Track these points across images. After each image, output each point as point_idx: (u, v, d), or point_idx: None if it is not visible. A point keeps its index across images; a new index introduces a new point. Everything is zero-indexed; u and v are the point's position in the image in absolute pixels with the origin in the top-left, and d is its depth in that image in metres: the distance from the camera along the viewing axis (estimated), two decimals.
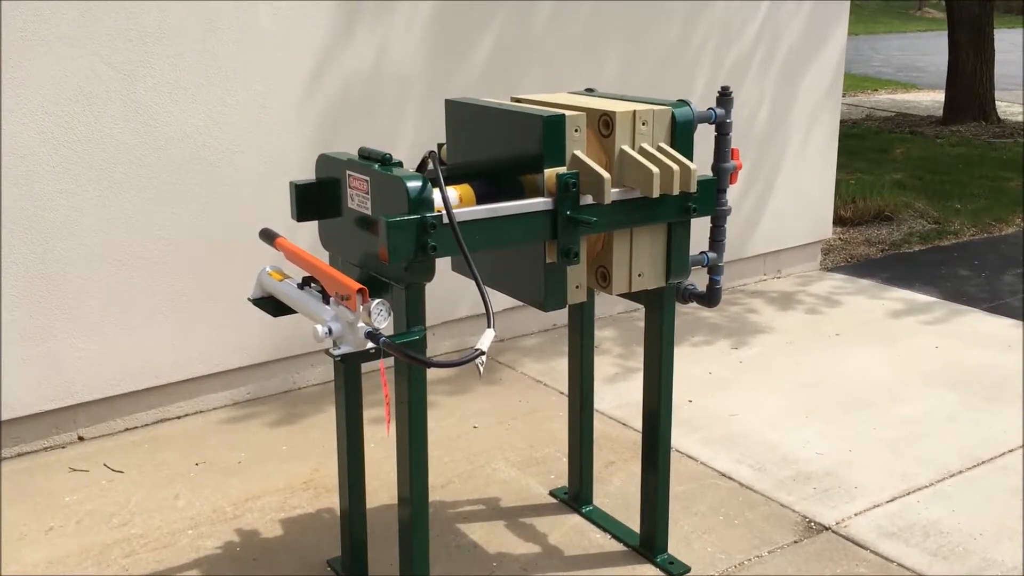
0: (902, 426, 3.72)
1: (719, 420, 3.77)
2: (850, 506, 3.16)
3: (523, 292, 2.50)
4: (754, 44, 5.07)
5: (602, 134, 2.45)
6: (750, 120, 5.19)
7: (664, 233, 2.55)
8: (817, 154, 5.56)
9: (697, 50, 4.86)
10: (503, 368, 4.29)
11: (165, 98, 3.52)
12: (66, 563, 2.88)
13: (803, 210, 5.61)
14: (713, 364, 4.35)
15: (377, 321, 2.08)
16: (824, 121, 5.53)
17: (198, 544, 2.97)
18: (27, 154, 3.31)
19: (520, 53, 4.31)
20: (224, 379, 3.92)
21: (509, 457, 3.49)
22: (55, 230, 3.41)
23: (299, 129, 3.82)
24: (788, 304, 5.17)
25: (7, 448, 3.53)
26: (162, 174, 3.57)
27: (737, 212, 5.27)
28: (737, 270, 5.47)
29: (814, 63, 5.37)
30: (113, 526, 3.08)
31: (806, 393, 4.03)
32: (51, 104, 3.32)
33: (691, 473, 3.38)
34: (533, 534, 3.01)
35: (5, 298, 3.37)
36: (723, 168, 2.66)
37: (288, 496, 3.24)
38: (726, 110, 2.61)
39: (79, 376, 3.57)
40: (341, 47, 3.85)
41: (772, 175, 5.41)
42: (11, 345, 3.42)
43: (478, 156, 2.55)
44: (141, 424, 3.77)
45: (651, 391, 2.75)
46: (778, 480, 3.32)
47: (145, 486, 3.32)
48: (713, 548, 2.93)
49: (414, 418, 2.31)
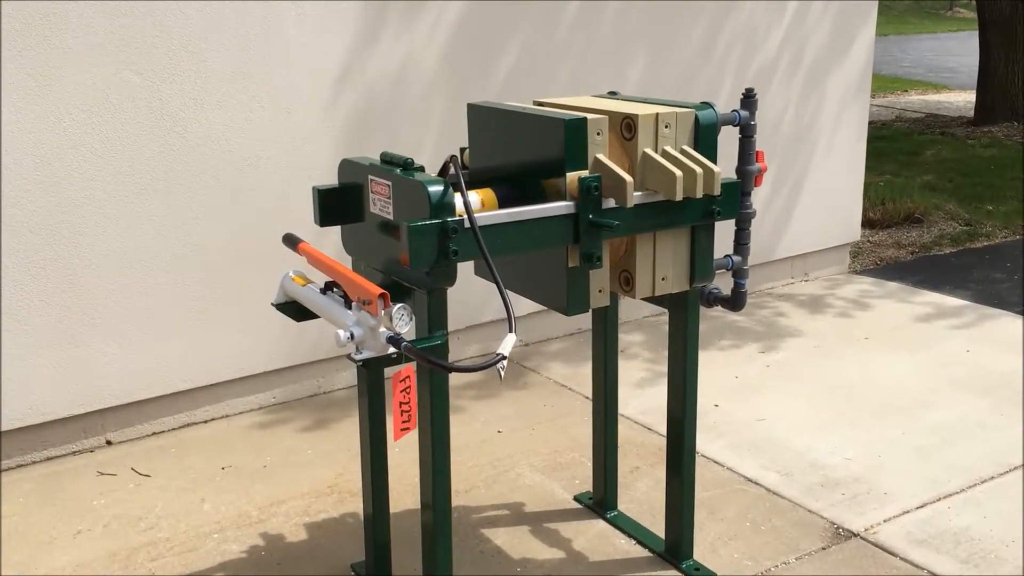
0: (932, 432, 3.67)
1: (746, 425, 3.74)
2: (879, 512, 3.12)
3: (546, 297, 2.49)
4: (780, 47, 5.03)
5: (624, 137, 2.44)
6: (777, 123, 5.16)
7: (688, 237, 2.53)
8: (845, 156, 5.51)
9: (723, 54, 4.83)
10: (529, 373, 4.28)
11: (192, 105, 3.55)
12: (94, 567, 2.90)
13: (831, 213, 5.56)
14: (740, 368, 4.31)
15: (399, 326, 2.08)
16: (852, 123, 5.47)
17: (223, 548, 2.98)
18: (56, 161, 3.35)
19: (545, 58, 4.31)
20: (251, 384, 3.93)
21: (534, 462, 3.48)
22: (83, 236, 3.45)
23: (325, 134, 3.84)
24: (816, 308, 5.12)
25: (36, 452, 3.56)
26: (189, 180, 3.60)
27: (764, 215, 5.24)
28: (765, 273, 5.42)
29: (841, 65, 5.32)
30: (140, 530, 3.10)
31: (834, 398, 3.99)
32: (80, 111, 3.35)
33: (717, 479, 3.35)
34: (557, 540, 2.99)
35: (34, 303, 3.41)
36: (747, 171, 2.63)
37: (313, 500, 3.24)
38: (750, 112, 2.58)
39: (107, 381, 3.60)
40: (366, 53, 3.86)
41: (799, 178, 5.36)
42: (40, 350, 3.45)
43: (500, 160, 2.54)
44: (168, 428, 3.79)
45: (675, 396, 2.73)
46: (806, 486, 3.29)
47: (171, 490, 3.34)
48: (739, 555, 2.91)
49: (436, 423, 2.31)
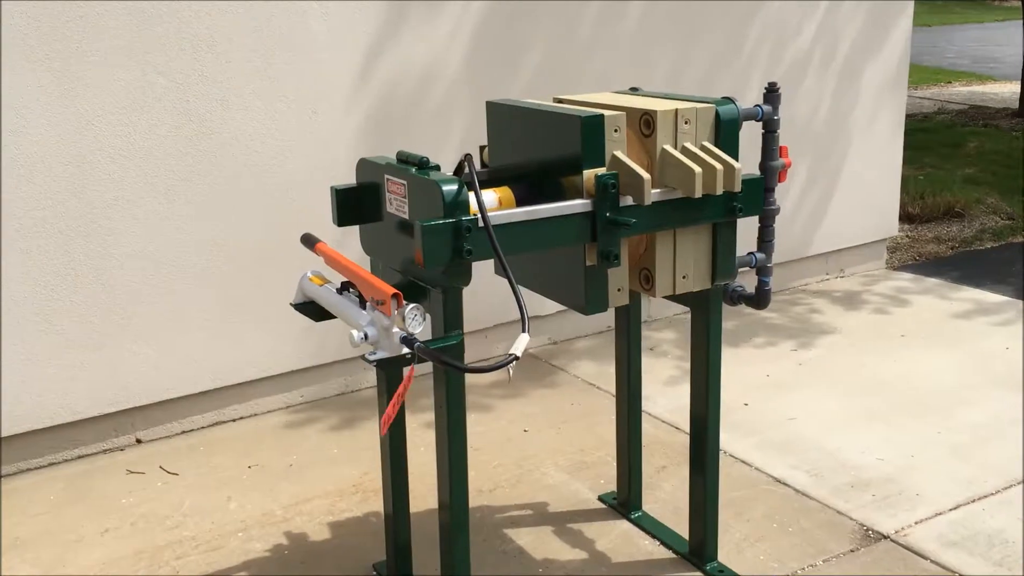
0: (968, 431, 3.59)
1: (775, 424, 3.68)
2: (911, 514, 3.06)
3: (565, 296, 2.47)
4: (813, 40, 4.95)
5: (643, 134, 2.40)
6: (810, 117, 5.08)
7: (709, 234, 2.49)
8: (881, 150, 5.41)
9: (753, 48, 4.76)
10: (556, 371, 4.25)
11: (217, 106, 3.56)
12: (120, 564, 2.92)
13: (867, 207, 5.46)
14: (772, 366, 4.25)
15: (412, 326, 2.06)
16: (888, 116, 5.37)
17: (247, 547, 2.99)
18: (85, 163, 3.38)
19: (571, 55, 4.27)
20: (279, 383, 3.95)
21: (559, 461, 3.45)
22: (112, 236, 3.48)
23: (349, 133, 3.84)
24: (852, 304, 5.04)
25: (68, 451, 3.61)
26: (215, 181, 3.62)
27: (798, 210, 5.16)
28: (799, 269, 5.35)
29: (877, 57, 5.22)
30: (166, 528, 3.12)
31: (868, 396, 3.92)
32: (107, 114, 3.38)
33: (745, 479, 3.30)
34: (580, 540, 2.97)
35: (65, 303, 3.45)
36: (771, 166, 2.59)
37: (337, 500, 3.25)
38: (773, 107, 2.54)
39: (136, 380, 3.63)
40: (390, 51, 3.86)
41: (834, 172, 5.27)
42: (71, 350, 3.49)
43: (519, 158, 2.52)
44: (197, 427, 3.82)
45: (698, 395, 2.69)
46: (835, 487, 3.23)
47: (198, 488, 3.36)
48: (765, 556, 2.86)
49: (453, 423, 2.29)
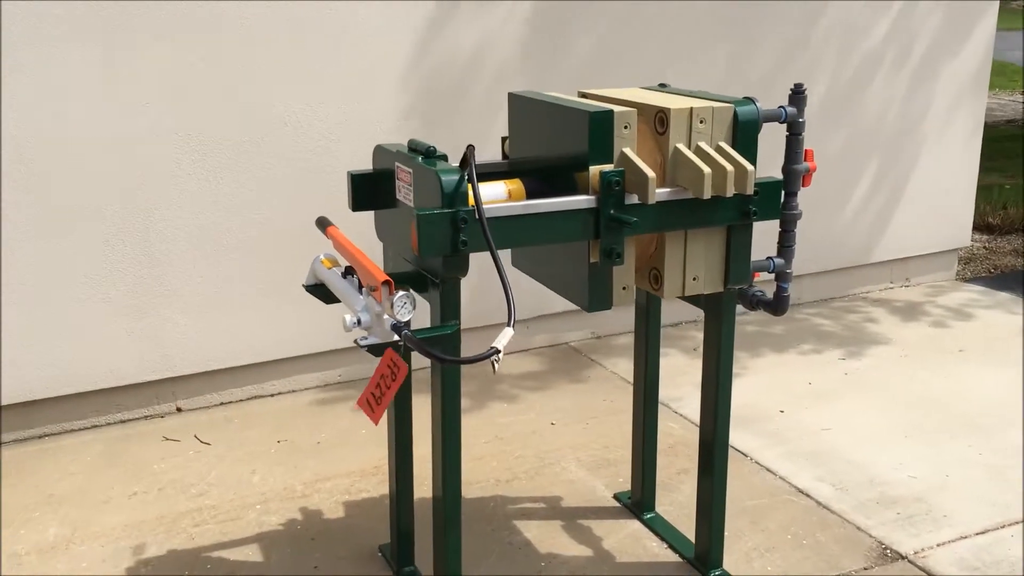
0: (1011, 454, 3.44)
1: (808, 434, 3.60)
2: (934, 535, 2.95)
3: (570, 292, 2.45)
4: (884, 41, 4.79)
5: (658, 131, 2.37)
6: (879, 119, 4.92)
7: (722, 236, 2.44)
8: (955, 156, 5.21)
9: (817, 48, 4.63)
10: (594, 365, 4.23)
11: (263, 89, 3.64)
12: (141, 528, 3.03)
13: (938, 216, 5.28)
14: (816, 374, 4.15)
15: (400, 314, 2.08)
16: (965, 121, 5.17)
17: (263, 520, 3.06)
18: (136, 142, 3.49)
19: (623, 50, 4.23)
20: (317, 360, 4.03)
21: (580, 457, 3.44)
22: (158, 211, 3.59)
23: (393, 120, 3.88)
24: (912, 315, 4.88)
25: (111, 414, 3.75)
26: (260, 161, 3.70)
27: (862, 215, 5.01)
28: (861, 276, 5.20)
29: (955, 59, 5.03)
30: (190, 496, 3.22)
31: (911, 411, 3.79)
32: (158, 97, 3.48)
33: (767, 487, 3.24)
34: (588, 537, 2.95)
35: (111, 274, 3.58)
36: (794, 170, 2.52)
37: (357, 479, 3.30)
38: (798, 108, 2.47)
39: (179, 351, 3.75)
40: (439, 38, 3.88)
41: (902, 177, 5.10)
42: (116, 317, 3.62)
43: (535, 151, 2.51)
44: (235, 400, 3.92)
45: (708, 400, 2.65)
46: (859, 502, 3.14)
47: (227, 460, 3.46)
48: (773, 568, 2.80)
49: (447, 416, 2.30)
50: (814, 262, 4.96)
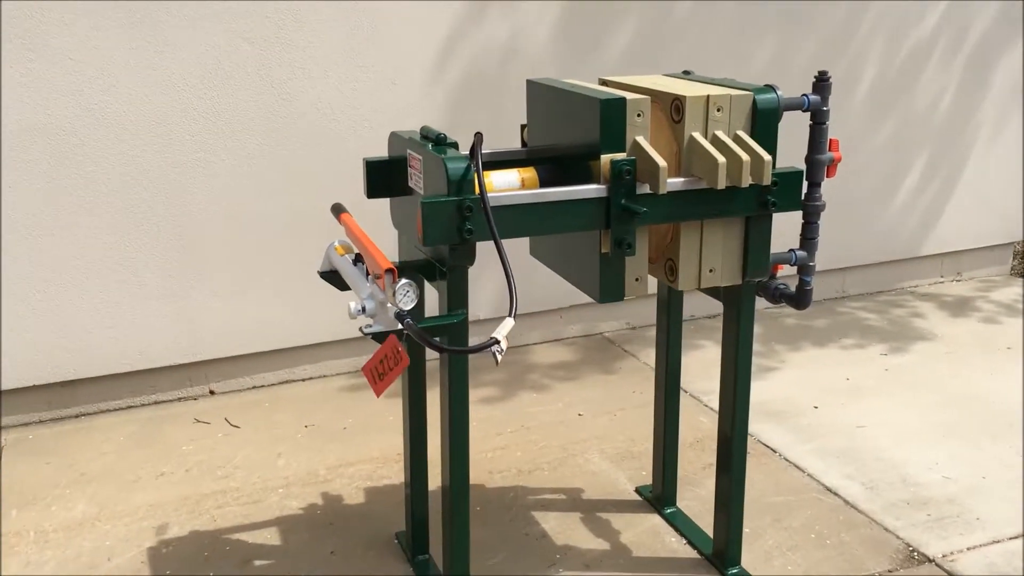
0: None
1: (841, 431, 3.51)
2: (964, 539, 2.86)
3: (583, 282, 2.42)
4: (935, 31, 4.64)
5: (674, 120, 2.32)
6: (930, 110, 4.77)
7: (740, 228, 2.38)
8: (1011, 149, 5.04)
9: (864, 39, 4.50)
10: (627, 356, 4.18)
11: (298, 73, 3.65)
12: (165, 508, 3.07)
13: (991, 209, 5.11)
14: (855, 369, 4.05)
15: (403, 302, 2.07)
16: (1021, 113, 4.99)
17: (284, 503, 3.09)
18: (168, 123, 3.53)
19: (661, 39, 4.15)
20: (349, 347, 4.05)
21: (605, 449, 3.40)
22: (192, 195, 3.63)
23: (427, 107, 3.86)
24: (961, 310, 4.73)
25: (145, 396, 3.81)
26: (293, 146, 3.72)
27: (912, 208, 4.88)
28: (910, 270, 5.06)
29: (1012, 49, 4.85)
30: (216, 478, 3.26)
31: (951, 410, 3.68)
32: (192, 77, 3.52)
33: (794, 484, 3.17)
34: (607, 530, 2.92)
35: (145, 256, 3.63)
36: (818, 160, 2.45)
37: (380, 466, 3.31)
38: (822, 97, 2.40)
39: (210, 334, 3.79)
40: (473, 27, 3.85)
41: (955, 169, 4.95)
42: (150, 300, 3.67)
43: (551, 139, 2.48)
44: (267, 384, 3.96)
45: (727, 395, 2.59)
46: (889, 502, 3.05)
47: (254, 443, 3.49)
48: (793, 567, 2.74)
49: (455, 406, 2.28)
50: (861, 254, 4.84)
